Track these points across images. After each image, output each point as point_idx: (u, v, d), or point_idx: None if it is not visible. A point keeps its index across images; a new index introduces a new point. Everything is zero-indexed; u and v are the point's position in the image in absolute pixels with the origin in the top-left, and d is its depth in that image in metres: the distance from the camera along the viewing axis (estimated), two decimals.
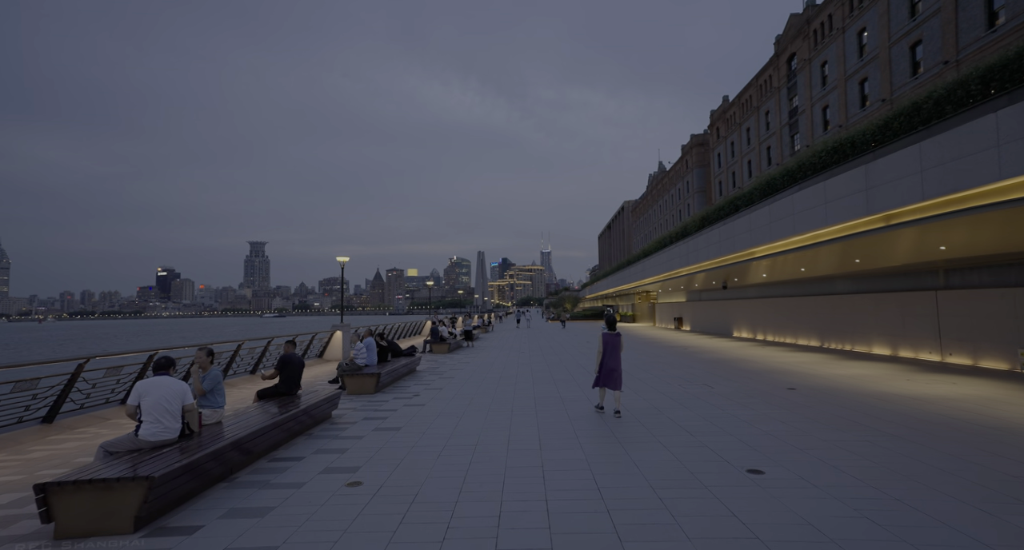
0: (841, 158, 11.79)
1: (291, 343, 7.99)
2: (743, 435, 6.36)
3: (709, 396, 9.26)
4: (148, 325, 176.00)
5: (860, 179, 10.55)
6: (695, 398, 9.07)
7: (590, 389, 10.36)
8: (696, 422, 7.18)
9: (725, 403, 8.53)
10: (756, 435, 6.35)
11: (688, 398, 9.10)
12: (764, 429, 6.64)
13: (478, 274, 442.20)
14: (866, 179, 10.36)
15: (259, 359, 13.15)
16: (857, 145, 11.17)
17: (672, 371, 13.02)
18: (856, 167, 10.71)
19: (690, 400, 8.89)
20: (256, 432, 5.74)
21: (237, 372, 12.47)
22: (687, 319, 35.56)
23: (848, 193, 10.95)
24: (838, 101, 37.94)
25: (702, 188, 68.62)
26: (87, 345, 64.25)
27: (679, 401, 8.84)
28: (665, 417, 7.59)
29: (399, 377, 12.57)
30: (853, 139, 11.31)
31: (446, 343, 20.37)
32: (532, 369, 14.20)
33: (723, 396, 9.22)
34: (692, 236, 23.69)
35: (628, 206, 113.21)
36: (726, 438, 6.25)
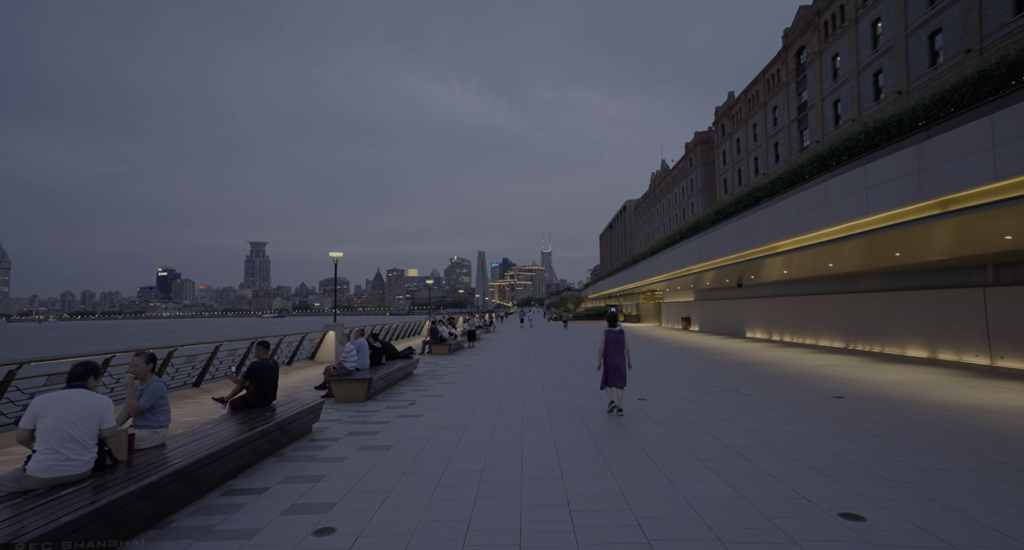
0: (884, 139, 10.63)
1: (264, 346, 6.79)
2: (811, 459, 5.18)
3: (746, 405, 8.09)
4: (146, 325, 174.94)
5: (911, 160, 9.39)
6: (732, 409, 7.90)
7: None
8: (744, 440, 6.01)
9: (769, 414, 7.36)
10: (827, 459, 5.17)
11: (724, 408, 7.93)
12: (832, 450, 5.45)
13: (479, 274, 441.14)
14: (919, 160, 9.19)
15: (240, 362, 11.98)
16: (905, 123, 10.00)
17: (694, 375, 11.85)
18: (906, 147, 9.54)
19: (727, 411, 7.72)
20: (209, 457, 4.57)
21: (216, 376, 11.30)
22: (695, 319, 34.38)
23: (896, 177, 9.78)
24: (850, 94, 36.76)
25: (706, 186, 67.52)
26: (56, 346, 63.15)
27: (714, 412, 7.66)
28: (704, 433, 6.42)
29: (394, 382, 11.40)
30: (900, 117, 10.14)
31: (446, 344, 19.21)
32: (540, 372, 13.04)
33: (763, 406, 8.04)
34: (705, 232, 22.52)
35: (630, 205, 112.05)
36: (791, 464, 5.07)
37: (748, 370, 12.52)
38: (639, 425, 6.93)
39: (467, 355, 18.80)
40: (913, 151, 9.33)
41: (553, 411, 8.04)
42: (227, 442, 4.94)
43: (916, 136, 9.35)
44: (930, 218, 9.34)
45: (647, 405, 8.38)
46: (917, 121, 9.72)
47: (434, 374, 13.29)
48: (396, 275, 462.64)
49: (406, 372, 12.64)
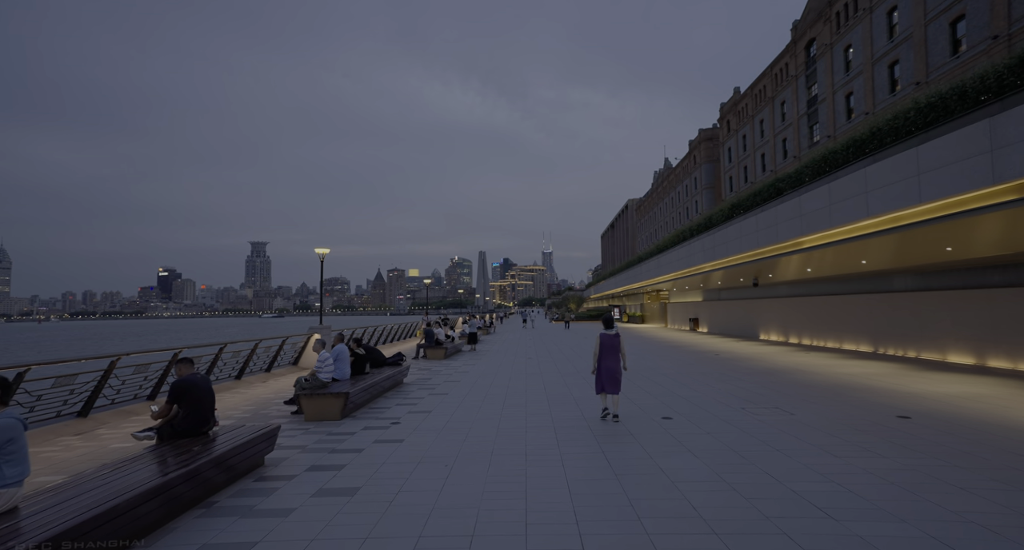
0: (942, 115, 9.25)
1: (187, 362, 5.37)
2: (929, 524, 3.77)
3: (796, 428, 6.71)
4: (144, 325, 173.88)
5: (980, 138, 8.01)
6: (780, 433, 6.51)
7: (627, 416, 7.83)
8: (816, 484, 4.61)
9: (831, 443, 5.97)
10: (953, 523, 3.75)
11: (769, 432, 6.54)
12: (952, 508, 4.01)
13: (479, 274, 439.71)
14: (991, 136, 7.81)
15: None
16: (969, 96, 8.63)
17: (718, 385, 10.47)
18: (973, 123, 8.16)
19: (775, 436, 6.34)
20: (85, 524, 3.21)
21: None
22: (704, 320, 32.99)
23: (959, 157, 8.40)
24: (864, 87, 35.37)
25: (711, 184, 66.18)
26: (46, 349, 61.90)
27: (760, 438, 6.28)
28: (758, 470, 5.04)
29: (378, 394, 10.03)
30: (962, 89, 8.76)
31: (442, 348, 17.84)
32: (544, 381, 11.67)
33: (816, 429, 6.66)
34: (718, 228, 21.14)
35: (632, 204, 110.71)
36: (902, 529, 3.67)
37: (777, 380, 11.13)
38: (672, 458, 5.55)
39: (465, 359, 17.43)
40: (983, 126, 7.96)
41: (563, 435, 6.67)
42: (123, 496, 3.57)
43: (986, 109, 7.97)
44: (1002, 206, 7.96)
45: (675, 426, 7.01)
46: (986, 92, 8.34)
47: (426, 383, 11.92)
48: (397, 275, 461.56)
49: (394, 381, 11.28)
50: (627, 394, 9.66)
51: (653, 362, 15.22)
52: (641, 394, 9.71)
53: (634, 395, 9.59)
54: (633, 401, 9.00)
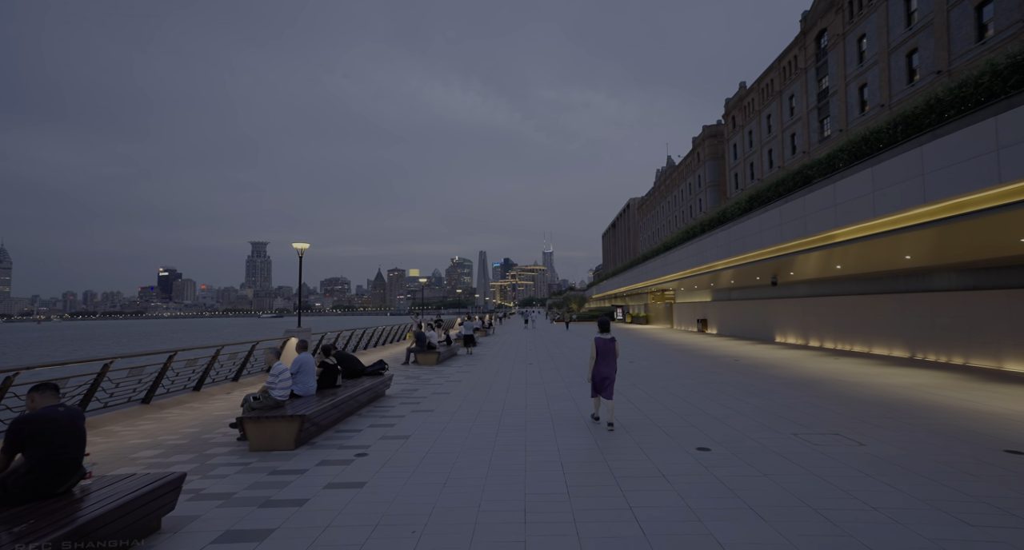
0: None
1: (46, 390, 3.68)
2: None
3: (880, 468, 5.13)
4: (139, 326, 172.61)
5: None
6: (862, 476, 4.93)
7: (653, 445, 6.28)
8: None
9: (945, 498, 4.38)
10: None
11: (849, 477, 4.96)
12: None
13: (480, 274, 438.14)
14: None
15: (155, 382, 9.07)
16: None
17: (753, 401, 8.90)
18: None
19: (858, 484, 4.75)
20: None
21: (111, 404, 8.36)
22: (713, 321, 31.41)
23: None
24: (879, 78, 33.80)
25: (715, 182, 64.69)
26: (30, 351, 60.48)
27: (841, 486, 4.68)
28: (860, 546, 3.49)
29: (351, 411, 8.47)
30: None
31: (435, 352, 16.28)
32: (548, 394, 10.11)
33: (908, 471, 5.07)
34: (734, 222, 19.56)
35: (634, 203, 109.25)
36: None
37: (818, 392, 9.56)
38: (729, 521, 3.98)
39: (460, 366, 15.88)
40: None
41: (574, 476, 5.09)
42: None
43: None
44: None
45: (716, 462, 5.44)
46: None
47: (411, 396, 10.35)
48: (397, 275, 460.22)
49: (374, 394, 9.72)
50: (647, 412, 8.12)
51: (669, 370, 13.64)
52: (664, 413, 8.15)
53: (656, 414, 8.04)
54: (656, 423, 7.44)
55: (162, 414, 8.68)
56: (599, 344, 7.21)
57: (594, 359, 7.19)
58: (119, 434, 7.28)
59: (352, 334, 19.23)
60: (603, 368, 7.16)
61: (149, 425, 7.82)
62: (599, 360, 7.17)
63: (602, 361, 7.17)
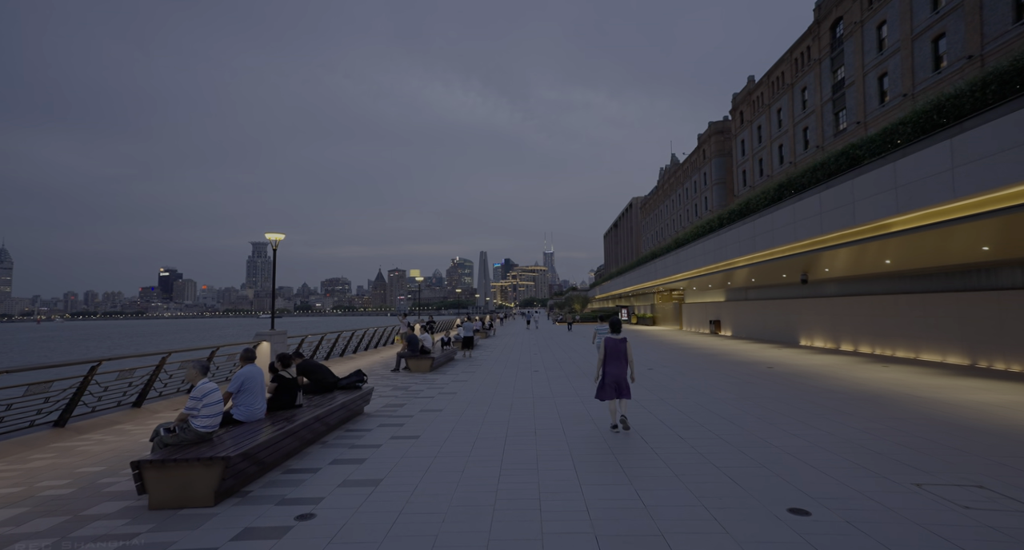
0: None
1: None
2: None
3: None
4: (136, 326, 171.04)
5: None
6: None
7: (723, 506, 4.45)
8: None
9: None
10: None
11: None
12: None
13: (480, 275, 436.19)
14: None
15: (73, 399, 7.27)
16: None
17: (819, 426, 7.06)
18: None
19: None
20: None
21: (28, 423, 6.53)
22: (727, 322, 29.57)
23: None
24: (901, 66, 31.98)
25: (722, 179, 62.91)
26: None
27: None
28: None
29: (310, 440, 6.63)
30: None
31: (429, 358, 14.47)
32: (560, 413, 8.28)
33: None
34: (761, 213, 17.72)
35: (637, 203, 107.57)
36: None
37: (901, 415, 7.70)
38: None
39: (456, 372, 14.06)
40: None
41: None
42: None
43: None
44: None
45: (834, 545, 3.61)
46: None
47: (395, 414, 8.52)
48: (398, 275, 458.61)
49: (347, 413, 7.90)
50: (696, 444, 6.28)
51: (696, 379, 11.80)
52: (716, 444, 6.30)
53: (708, 446, 6.20)
54: (713, 462, 5.59)
55: (74, 442, 6.86)
56: (608, 345, 6.97)
57: (602, 360, 6.96)
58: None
59: (339, 337, 17.40)
60: (614, 369, 6.92)
61: (43, 460, 6.00)
62: (610, 361, 6.93)
63: (611, 362, 6.93)
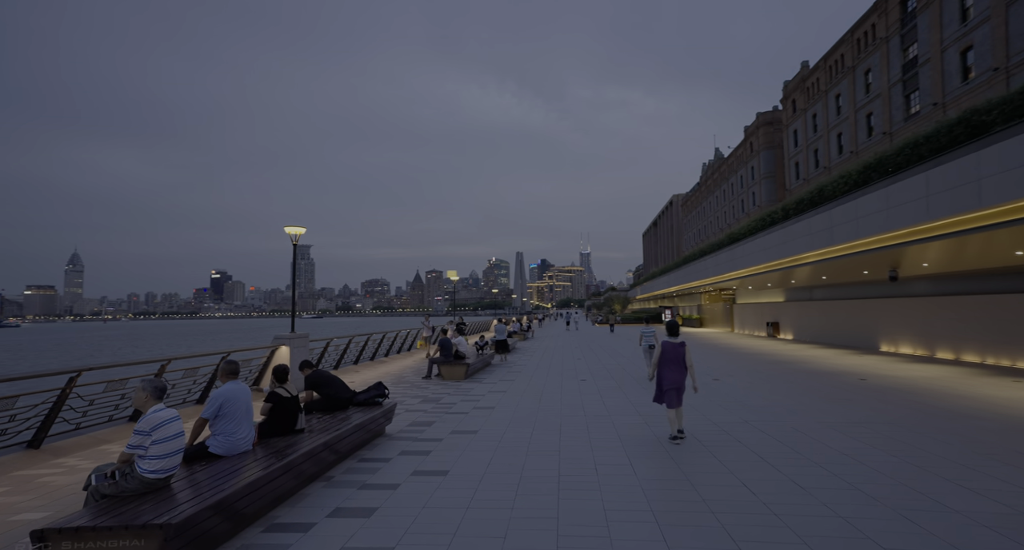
0: None
1: None
2: None
3: None
4: (184, 326, 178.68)
5: None
6: None
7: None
8: None
9: None
10: None
11: None
12: None
13: (517, 275, 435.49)
14: None
15: (55, 409, 6.21)
16: None
17: (1000, 473, 5.19)
18: None
19: None
20: None
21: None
22: (788, 324, 26.95)
23: None
24: (991, 36, 28.54)
25: (771, 173, 59.24)
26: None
27: None
28: None
29: (312, 477, 5.25)
30: None
31: (463, 364, 13.08)
32: (623, 440, 6.64)
33: None
34: (839, 201, 15.46)
35: (677, 200, 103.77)
36: None
37: None
38: None
39: (493, 380, 12.61)
40: None
41: None
42: None
43: None
44: None
45: None
46: None
47: (421, 436, 7.11)
48: (435, 276, 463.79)
49: (365, 436, 6.54)
50: (838, 509, 4.54)
51: (778, 396, 9.87)
52: (867, 507, 4.54)
53: (854, 510, 4.45)
54: (883, 545, 3.87)
55: (42, 469, 5.74)
56: (666, 349, 6.57)
57: (656, 363, 6.63)
58: None
59: (368, 339, 16.28)
60: (672, 375, 6.48)
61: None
62: (667, 366, 6.53)
63: (672, 367, 6.52)
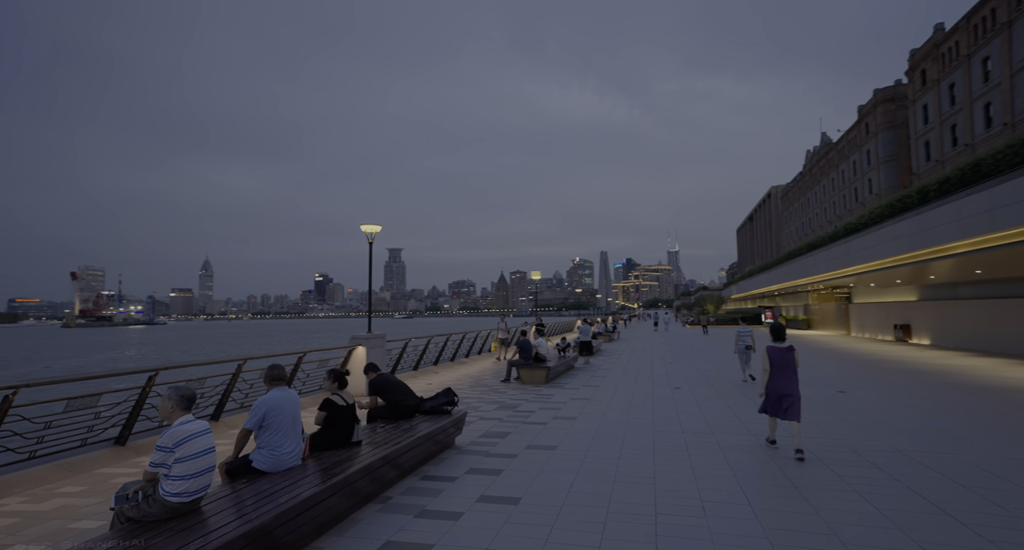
0: None
1: None
2: None
3: None
4: (290, 324, 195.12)
5: None
6: None
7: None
8: None
9: None
10: None
11: None
12: None
13: (601, 275, 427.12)
14: None
15: (132, 419, 6.27)
16: None
17: None
18: None
19: None
20: None
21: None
22: (923, 327, 23.04)
23: None
24: None
25: (892, 155, 52.14)
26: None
27: None
28: None
29: (368, 497, 4.66)
30: None
31: (544, 368, 12.23)
32: (731, 461, 5.40)
33: None
34: (1009, 176, 12.55)
35: (776, 192, 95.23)
36: None
37: None
38: None
39: (576, 385, 11.63)
40: None
41: None
42: None
43: None
44: None
45: None
46: None
47: (493, 452, 6.34)
48: (519, 277, 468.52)
49: (432, 447, 5.90)
50: None
51: (947, 422, 7.92)
52: None
53: None
54: None
55: (120, 467, 5.74)
56: (773, 354, 6.07)
57: (767, 372, 6.08)
58: None
59: (448, 340, 15.98)
60: (782, 383, 5.96)
61: (25, 507, 4.81)
62: (775, 373, 6.03)
63: (779, 374, 6.01)
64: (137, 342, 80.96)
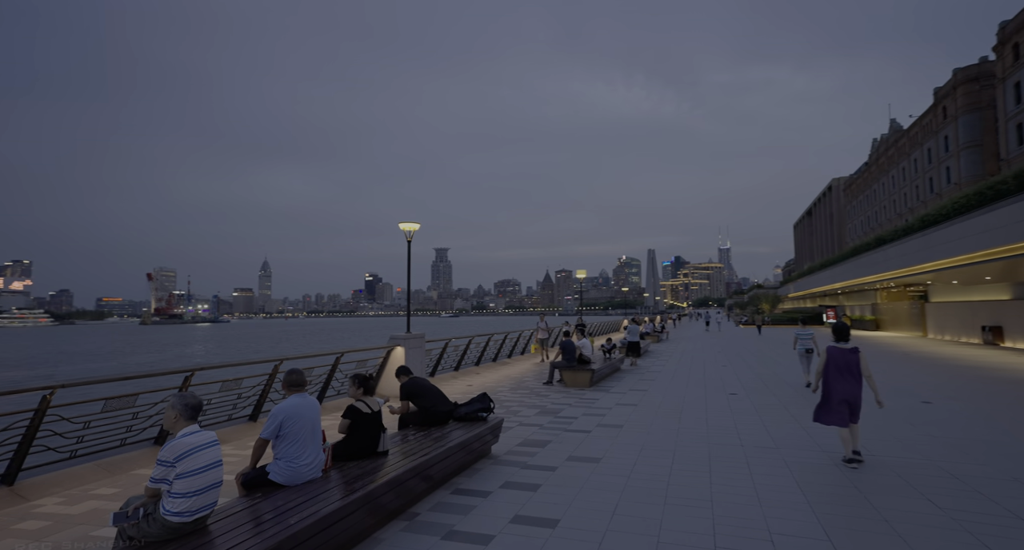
0: None
1: None
2: None
3: None
4: (341, 323, 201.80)
5: None
6: None
7: None
8: None
9: None
10: None
11: None
12: None
13: (649, 273, 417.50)
14: None
15: None
16: None
17: None
18: None
19: None
20: None
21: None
22: (1018, 329, 20.64)
23: None
24: None
25: (975, 140, 47.65)
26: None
27: None
28: None
29: (394, 512, 4.27)
30: None
31: (588, 370, 11.65)
32: (801, 482, 4.67)
33: None
34: None
35: (838, 185, 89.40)
36: None
37: None
38: None
39: (622, 389, 10.97)
40: None
41: None
42: None
43: None
44: None
45: None
46: None
47: (530, 463, 5.88)
48: (564, 276, 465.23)
49: (461, 459, 5.50)
50: None
51: None
52: None
53: None
54: None
55: None
56: (833, 355, 5.49)
57: (821, 372, 5.57)
58: None
59: (489, 340, 15.64)
60: (844, 386, 5.36)
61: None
62: (836, 376, 5.41)
63: (840, 378, 5.39)
64: (202, 338, 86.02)
